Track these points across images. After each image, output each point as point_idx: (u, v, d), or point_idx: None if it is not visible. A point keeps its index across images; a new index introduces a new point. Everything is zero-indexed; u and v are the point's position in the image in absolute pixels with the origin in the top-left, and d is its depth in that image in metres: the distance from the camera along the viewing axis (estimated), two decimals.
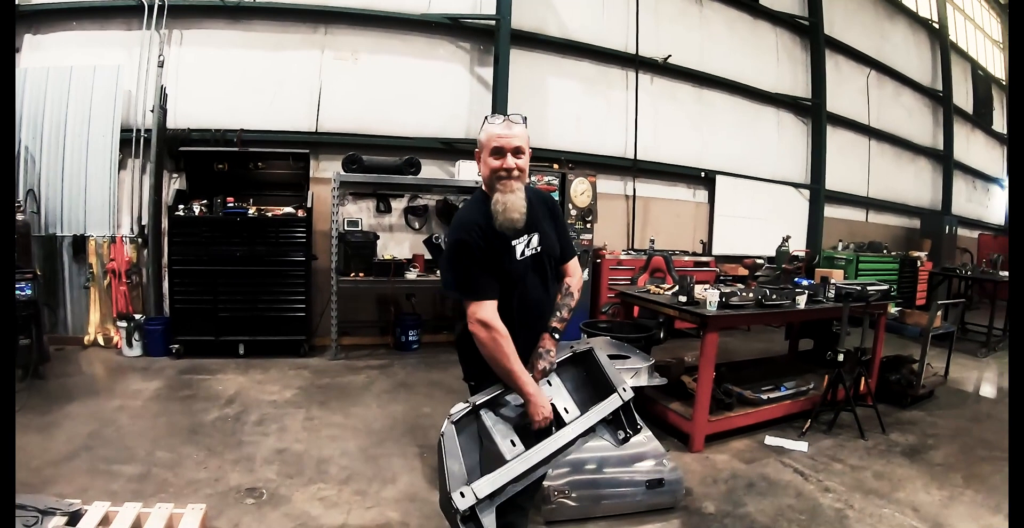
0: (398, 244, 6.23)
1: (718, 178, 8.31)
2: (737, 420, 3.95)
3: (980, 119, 14.15)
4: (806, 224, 9.31)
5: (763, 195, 8.80)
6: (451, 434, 1.71)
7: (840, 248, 9.32)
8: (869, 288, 4.54)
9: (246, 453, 3.37)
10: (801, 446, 3.90)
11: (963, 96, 13.44)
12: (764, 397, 4.15)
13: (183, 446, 3.44)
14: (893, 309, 5.98)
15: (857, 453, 3.90)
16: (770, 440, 3.97)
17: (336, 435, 3.71)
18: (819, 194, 9.30)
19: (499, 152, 1.83)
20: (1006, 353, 7.37)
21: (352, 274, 5.49)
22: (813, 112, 9.39)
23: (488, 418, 1.79)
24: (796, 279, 5.19)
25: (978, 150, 14.23)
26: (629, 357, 3.69)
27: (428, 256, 5.91)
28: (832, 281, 4.67)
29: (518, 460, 1.71)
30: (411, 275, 5.67)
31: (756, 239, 8.47)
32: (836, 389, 4.24)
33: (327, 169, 5.96)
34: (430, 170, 6.26)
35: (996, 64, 15.31)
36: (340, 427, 3.85)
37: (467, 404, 1.78)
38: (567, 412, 1.90)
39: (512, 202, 1.81)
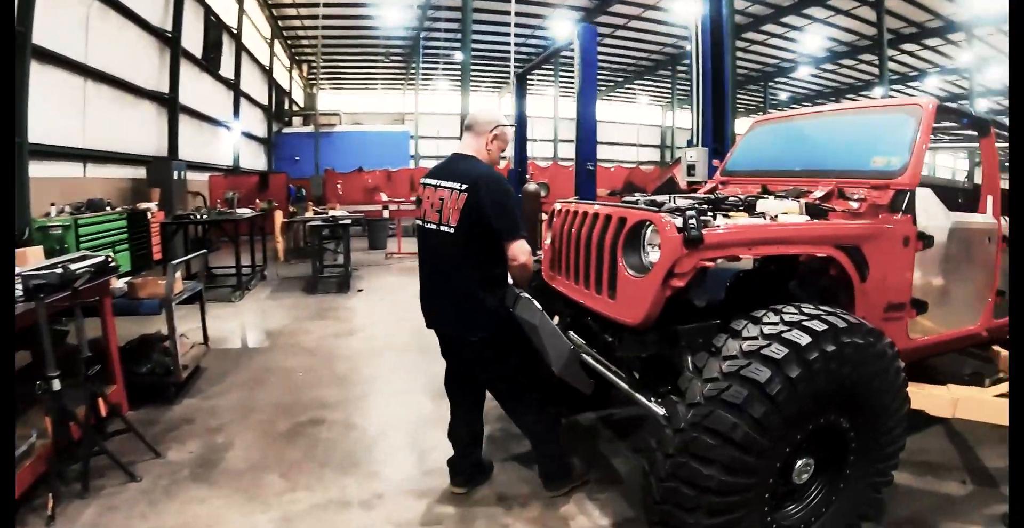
0: None
1: None
2: None
3: (209, 63, 15.35)
4: None
5: None
6: (548, 321, 2.45)
7: (54, 213, 8.15)
8: (72, 266, 3.17)
9: None
10: None
11: (194, 39, 14.10)
12: None
13: None
14: (120, 283, 4.66)
15: (129, 510, 2.69)
16: None
17: None
18: (23, 148, 7.37)
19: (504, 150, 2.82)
20: (259, 289, 8.14)
21: None
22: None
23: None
24: None
25: (205, 94, 15.49)
26: None
27: None
28: (18, 270, 2.94)
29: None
30: None
31: None
32: (69, 429, 2.95)
33: None
34: None
35: (230, 12, 16.86)
36: None
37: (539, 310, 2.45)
38: None
39: None
